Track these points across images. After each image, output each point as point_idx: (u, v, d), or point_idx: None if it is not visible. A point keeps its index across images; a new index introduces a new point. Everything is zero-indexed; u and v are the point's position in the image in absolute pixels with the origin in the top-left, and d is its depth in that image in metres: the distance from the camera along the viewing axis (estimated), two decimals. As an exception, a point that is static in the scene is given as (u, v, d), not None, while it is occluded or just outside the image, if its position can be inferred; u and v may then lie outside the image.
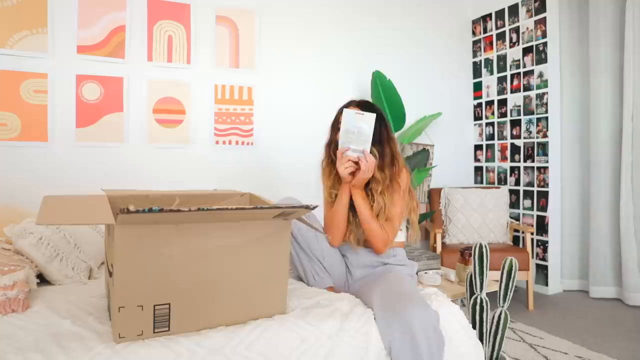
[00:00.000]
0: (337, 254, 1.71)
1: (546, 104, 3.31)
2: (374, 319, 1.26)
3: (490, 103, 3.79)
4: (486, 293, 1.65)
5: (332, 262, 1.67)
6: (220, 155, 2.95)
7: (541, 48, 3.34)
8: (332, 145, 1.68)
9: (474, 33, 3.94)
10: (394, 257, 1.68)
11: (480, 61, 3.87)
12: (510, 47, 3.59)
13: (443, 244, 3.23)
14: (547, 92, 3.31)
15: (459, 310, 1.37)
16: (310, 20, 3.23)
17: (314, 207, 1.17)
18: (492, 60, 3.77)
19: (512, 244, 3.33)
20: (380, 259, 1.67)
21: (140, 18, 2.73)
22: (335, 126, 1.68)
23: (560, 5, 3.34)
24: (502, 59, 3.67)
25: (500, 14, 3.68)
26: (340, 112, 1.66)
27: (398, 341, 1.18)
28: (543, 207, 3.34)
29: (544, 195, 3.34)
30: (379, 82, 3.27)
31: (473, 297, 1.65)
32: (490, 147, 3.80)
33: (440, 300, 1.38)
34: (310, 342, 1.15)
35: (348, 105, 1.67)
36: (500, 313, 1.61)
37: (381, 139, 1.62)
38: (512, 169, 3.60)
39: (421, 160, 3.39)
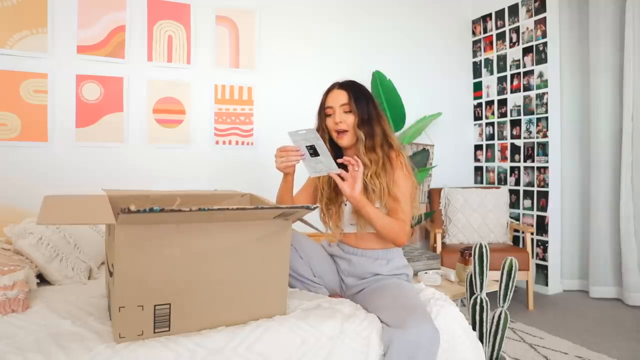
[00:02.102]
0: (327, 261, 1.63)
1: (546, 104, 3.31)
2: (382, 328, 1.23)
3: (490, 103, 3.79)
4: (486, 293, 1.65)
5: (323, 268, 1.60)
6: (220, 155, 2.95)
7: (541, 48, 3.34)
8: (318, 132, 1.56)
9: (474, 33, 3.94)
10: (387, 266, 1.54)
11: (480, 61, 3.87)
12: (510, 47, 3.59)
13: (443, 244, 3.23)
14: (547, 92, 3.31)
15: (459, 314, 1.35)
16: (310, 20, 3.23)
17: (315, 208, 1.17)
18: (492, 60, 3.77)
19: (512, 244, 3.33)
20: (373, 269, 1.53)
21: (140, 18, 2.73)
22: (322, 112, 1.59)
23: (560, 5, 3.34)
24: (502, 59, 3.67)
25: (500, 14, 3.68)
26: (325, 95, 1.59)
27: (395, 349, 1.16)
28: (543, 207, 3.34)
29: (544, 195, 3.34)
30: (379, 82, 3.28)
31: (473, 297, 1.65)
32: (490, 147, 3.80)
33: (440, 304, 1.35)
34: (310, 343, 1.15)
35: (332, 88, 1.57)
36: (500, 313, 1.61)
37: (369, 117, 1.52)
38: (512, 169, 3.60)
39: (421, 160, 3.39)
